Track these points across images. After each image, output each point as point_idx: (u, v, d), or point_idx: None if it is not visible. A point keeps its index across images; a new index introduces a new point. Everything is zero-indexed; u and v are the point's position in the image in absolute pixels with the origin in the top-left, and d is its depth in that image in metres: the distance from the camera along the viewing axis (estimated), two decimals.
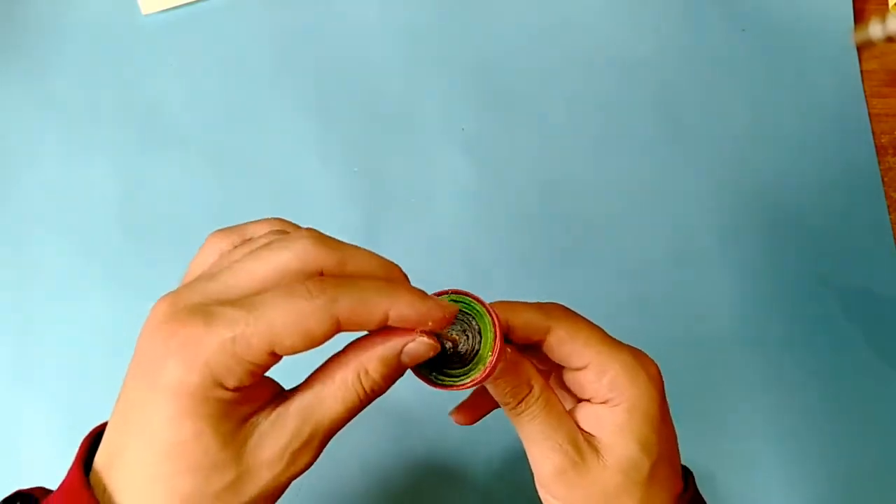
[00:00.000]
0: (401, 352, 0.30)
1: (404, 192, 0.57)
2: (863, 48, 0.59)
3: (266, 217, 0.34)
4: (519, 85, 0.59)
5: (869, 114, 0.58)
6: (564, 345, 0.35)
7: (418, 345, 0.30)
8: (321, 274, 0.29)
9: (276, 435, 0.29)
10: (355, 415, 0.31)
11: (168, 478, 0.28)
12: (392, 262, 0.31)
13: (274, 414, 0.30)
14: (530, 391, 0.35)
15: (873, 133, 0.58)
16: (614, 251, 0.56)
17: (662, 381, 0.36)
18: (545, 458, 0.35)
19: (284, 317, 0.28)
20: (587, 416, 0.36)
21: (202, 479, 0.28)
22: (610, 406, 0.35)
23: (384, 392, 0.31)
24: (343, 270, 0.30)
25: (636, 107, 0.58)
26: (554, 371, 0.38)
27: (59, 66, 0.59)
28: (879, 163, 0.57)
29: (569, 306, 0.37)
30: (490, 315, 0.32)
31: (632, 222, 0.57)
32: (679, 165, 0.57)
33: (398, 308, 0.29)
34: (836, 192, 0.57)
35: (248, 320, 0.27)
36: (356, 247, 0.31)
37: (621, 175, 0.58)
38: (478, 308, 0.32)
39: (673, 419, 0.37)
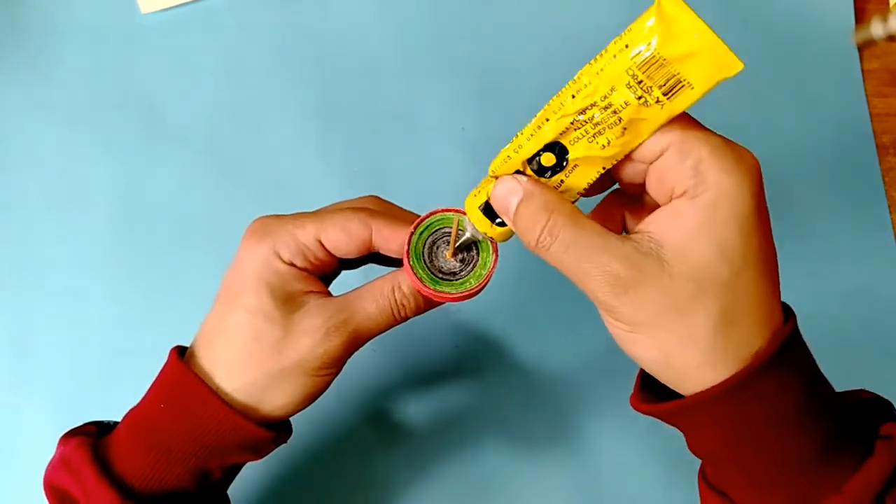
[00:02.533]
0: None
1: (404, 192, 0.57)
2: (864, 47, 0.59)
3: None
4: (519, 85, 0.59)
5: (870, 113, 0.58)
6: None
7: None
8: None
9: (318, 312, 0.36)
10: (385, 325, 0.38)
11: (238, 334, 0.36)
12: None
13: (323, 299, 0.37)
14: (554, 217, 0.32)
15: (874, 133, 0.57)
16: None
17: (761, 177, 0.31)
18: (596, 284, 0.31)
19: (333, 216, 0.37)
20: (659, 221, 0.31)
21: (260, 334, 0.36)
22: (689, 198, 0.30)
23: (411, 313, 0.38)
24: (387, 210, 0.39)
25: None
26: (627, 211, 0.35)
27: (58, 66, 0.59)
28: (880, 162, 0.57)
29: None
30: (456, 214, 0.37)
31: None
32: None
33: None
34: (836, 192, 0.57)
35: (308, 217, 0.37)
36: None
37: None
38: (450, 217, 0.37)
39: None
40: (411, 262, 0.36)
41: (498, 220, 0.35)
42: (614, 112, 0.31)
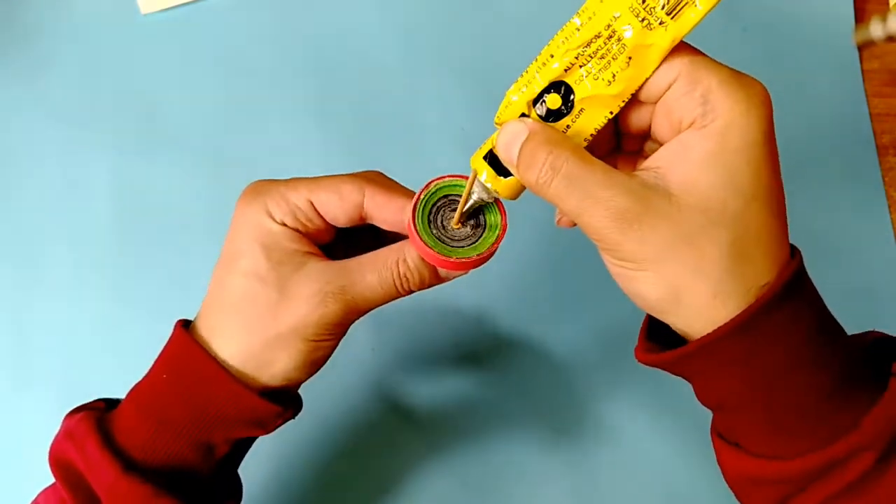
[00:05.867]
0: None
1: None
2: (864, 48, 0.59)
3: None
4: None
5: (870, 113, 0.58)
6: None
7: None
8: None
9: (316, 276, 0.35)
10: (386, 296, 0.36)
11: (233, 297, 0.35)
12: None
13: (325, 262, 0.36)
14: (556, 150, 0.30)
15: (874, 133, 0.57)
16: None
17: (771, 108, 0.30)
18: (600, 219, 0.30)
19: (326, 179, 0.36)
20: (666, 156, 0.30)
21: (255, 296, 0.35)
22: (698, 129, 0.30)
23: (415, 287, 0.36)
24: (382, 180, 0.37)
25: None
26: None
27: (58, 66, 0.59)
28: (880, 162, 0.57)
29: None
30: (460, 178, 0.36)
31: None
32: None
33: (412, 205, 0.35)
34: (836, 192, 0.57)
35: (301, 180, 0.36)
36: None
37: None
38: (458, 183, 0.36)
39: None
40: (417, 229, 0.35)
41: (504, 173, 0.33)
42: (618, 40, 0.30)
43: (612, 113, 0.32)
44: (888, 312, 0.55)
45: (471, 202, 0.35)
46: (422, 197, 0.35)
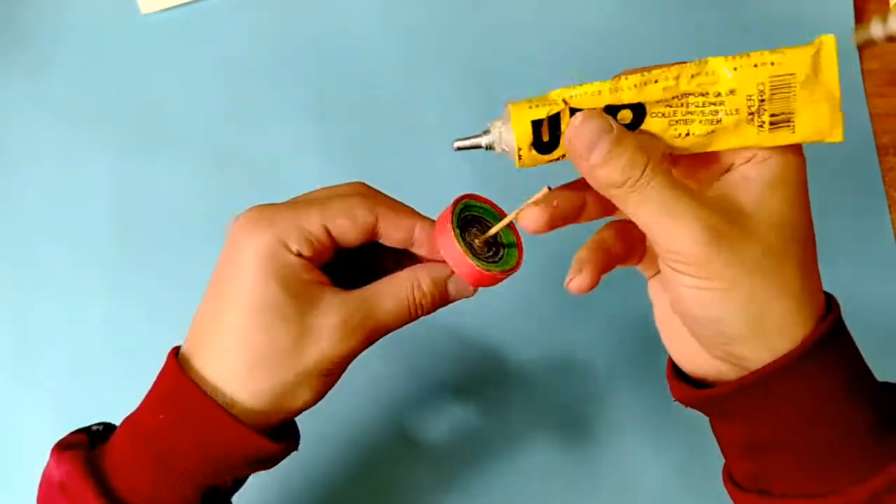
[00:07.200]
0: (448, 278, 0.36)
1: (404, 192, 0.57)
2: (864, 48, 0.58)
3: None
4: (519, 85, 0.58)
5: (870, 113, 0.58)
6: None
7: (460, 286, 0.37)
8: None
9: (339, 308, 0.34)
10: (401, 323, 0.36)
11: (244, 335, 0.33)
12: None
13: (342, 293, 0.35)
14: (647, 164, 0.30)
15: (874, 133, 0.57)
16: None
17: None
18: (691, 237, 0.29)
19: (337, 202, 0.35)
20: (727, 185, 0.32)
21: (272, 333, 0.33)
22: (757, 162, 0.31)
23: (424, 312, 0.36)
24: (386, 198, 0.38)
25: None
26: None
27: (58, 66, 0.59)
28: (880, 162, 0.57)
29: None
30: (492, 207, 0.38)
31: None
32: None
33: (423, 224, 0.36)
34: (836, 192, 0.57)
35: (310, 204, 0.35)
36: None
37: None
38: (485, 207, 0.38)
39: None
40: (461, 246, 0.35)
41: (543, 145, 0.32)
42: (716, 111, 0.31)
43: (663, 154, 0.32)
44: (888, 312, 0.55)
45: (483, 144, 0.34)
46: (454, 212, 0.36)
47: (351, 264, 0.38)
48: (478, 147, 0.34)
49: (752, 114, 0.30)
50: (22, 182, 0.58)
